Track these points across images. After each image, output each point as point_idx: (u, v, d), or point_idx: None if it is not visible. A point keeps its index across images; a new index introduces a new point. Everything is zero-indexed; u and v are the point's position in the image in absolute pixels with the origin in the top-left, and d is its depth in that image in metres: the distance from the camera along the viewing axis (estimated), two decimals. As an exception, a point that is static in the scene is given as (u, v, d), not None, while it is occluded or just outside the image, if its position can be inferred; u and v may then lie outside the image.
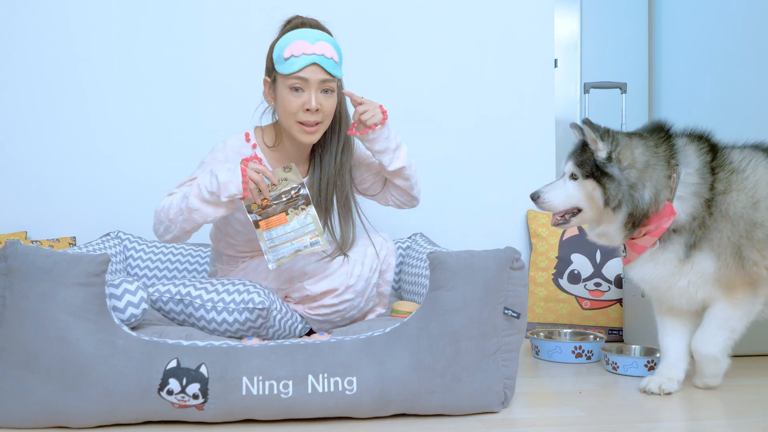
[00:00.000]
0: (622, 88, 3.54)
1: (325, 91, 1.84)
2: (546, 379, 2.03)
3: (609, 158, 1.77)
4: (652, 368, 2.05)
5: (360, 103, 1.88)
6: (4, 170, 2.60)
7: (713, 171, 1.79)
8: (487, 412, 1.65)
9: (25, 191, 2.60)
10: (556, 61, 3.53)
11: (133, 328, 1.65)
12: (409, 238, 2.63)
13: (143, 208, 2.63)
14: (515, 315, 1.67)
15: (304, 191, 1.82)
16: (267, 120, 2.05)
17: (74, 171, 2.62)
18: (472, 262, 1.66)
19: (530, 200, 1.90)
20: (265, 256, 1.81)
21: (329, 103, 1.86)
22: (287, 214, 1.80)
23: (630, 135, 1.83)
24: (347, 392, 1.54)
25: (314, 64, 1.81)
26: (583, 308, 2.65)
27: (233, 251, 2.05)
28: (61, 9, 2.62)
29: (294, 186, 1.82)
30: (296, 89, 1.82)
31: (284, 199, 1.81)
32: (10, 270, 1.52)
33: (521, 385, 1.91)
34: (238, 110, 2.30)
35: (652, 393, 1.85)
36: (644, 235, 1.79)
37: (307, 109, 1.82)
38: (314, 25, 1.89)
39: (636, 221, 1.78)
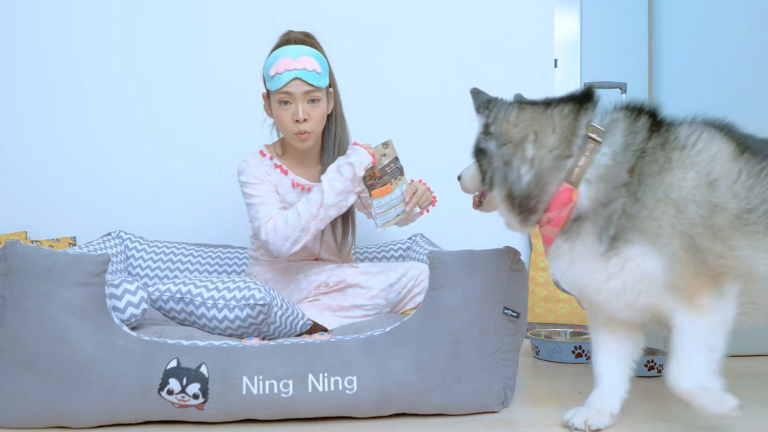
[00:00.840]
0: (622, 88, 3.54)
1: (312, 101, 2.00)
2: (546, 379, 2.03)
3: (486, 132, 1.53)
4: (651, 368, 2.05)
5: (415, 190, 2.01)
6: (4, 170, 2.60)
7: (643, 151, 1.47)
8: (487, 412, 1.65)
9: (25, 191, 2.61)
10: (556, 61, 3.53)
11: (133, 328, 1.65)
12: (409, 238, 2.63)
13: (143, 208, 2.64)
14: (515, 315, 1.67)
15: (399, 164, 2.00)
16: (274, 131, 2.15)
17: (74, 171, 2.63)
18: (472, 262, 1.66)
19: None
20: (374, 221, 2.01)
21: (316, 112, 2.01)
22: (391, 184, 2.00)
23: (518, 105, 1.54)
24: (347, 392, 1.54)
25: (296, 78, 1.96)
26: (583, 308, 2.64)
27: (268, 256, 2.16)
28: (61, 9, 2.62)
29: (391, 159, 2.00)
30: (285, 102, 2.00)
31: (388, 171, 2.01)
32: (10, 270, 1.52)
33: (521, 385, 1.91)
34: (238, 110, 2.30)
35: (576, 429, 1.52)
36: (548, 222, 1.50)
37: (296, 120, 1.98)
38: (299, 40, 2.02)
39: (524, 206, 1.49)
